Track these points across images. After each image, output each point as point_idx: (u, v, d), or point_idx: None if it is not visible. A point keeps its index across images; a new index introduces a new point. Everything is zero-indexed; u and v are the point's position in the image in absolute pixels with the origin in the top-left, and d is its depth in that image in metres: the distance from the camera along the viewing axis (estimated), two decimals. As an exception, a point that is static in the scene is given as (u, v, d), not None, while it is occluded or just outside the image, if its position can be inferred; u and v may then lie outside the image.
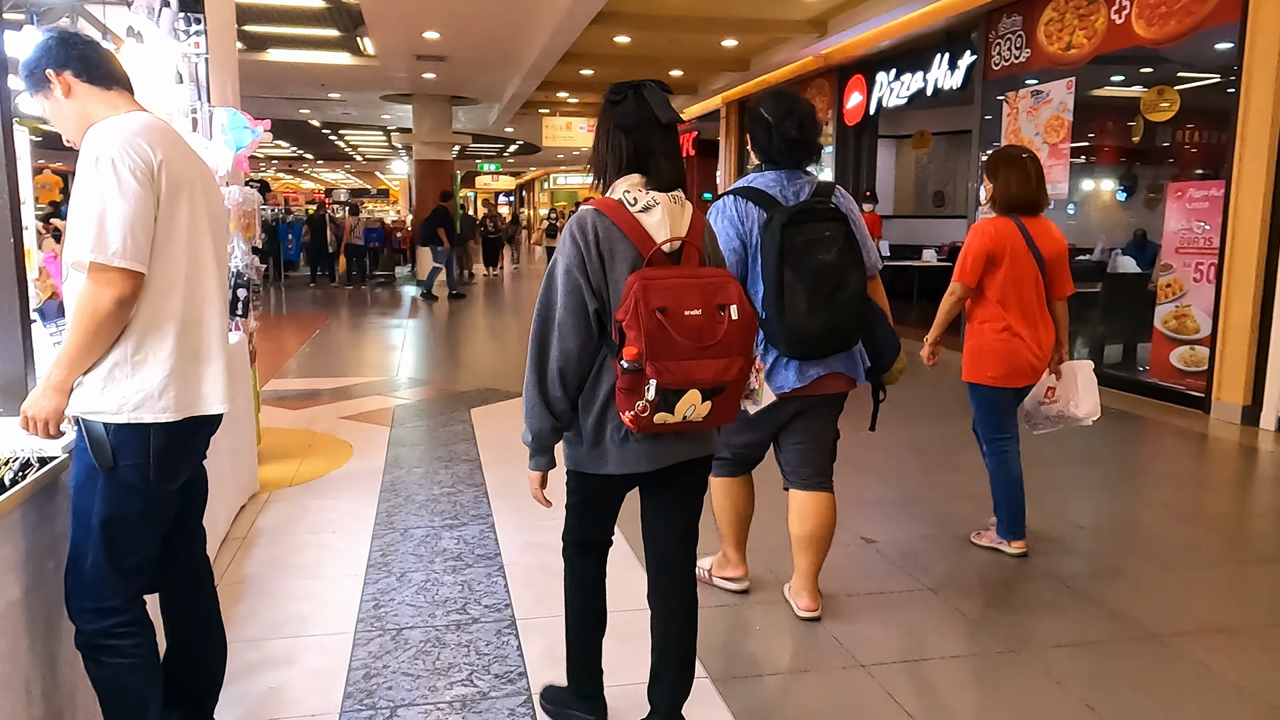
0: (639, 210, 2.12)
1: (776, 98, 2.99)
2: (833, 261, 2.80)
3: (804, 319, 2.80)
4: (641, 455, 2.16)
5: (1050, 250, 3.64)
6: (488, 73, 14.89)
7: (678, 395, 2.01)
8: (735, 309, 2.06)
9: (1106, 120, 10.98)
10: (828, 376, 2.96)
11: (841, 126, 12.36)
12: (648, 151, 2.17)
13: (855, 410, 3.24)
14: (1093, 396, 3.77)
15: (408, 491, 4.62)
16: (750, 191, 2.92)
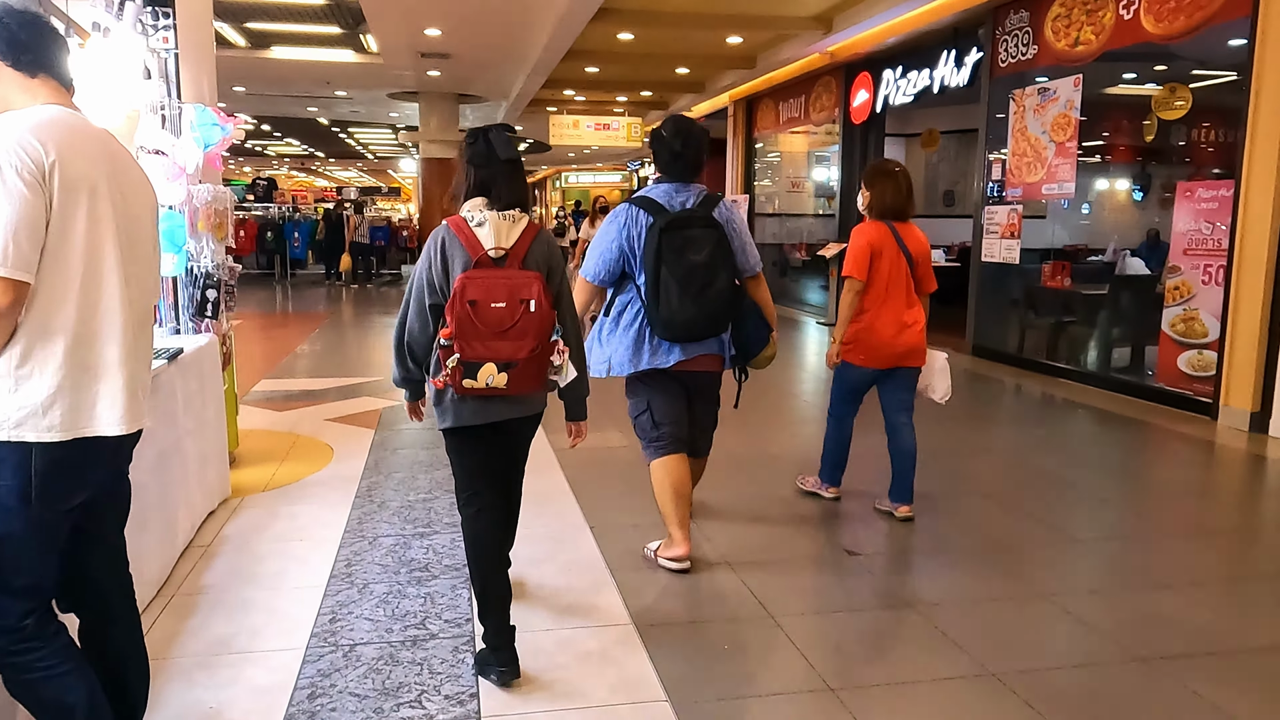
0: (475, 225, 2.65)
1: (675, 121, 3.59)
2: (704, 262, 3.37)
3: (675, 309, 3.39)
4: (476, 412, 2.77)
5: (917, 250, 4.16)
6: (493, 70, 14.79)
7: (478, 366, 2.57)
8: (534, 303, 2.59)
9: (1116, 119, 10.78)
10: (701, 357, 3.58)
11: (848, 125, 12.19)
12: (491, 181, 2.72)
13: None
14: (945, 381, 4.37)
15: (383, 497, 4.51)
16: (643, 200, 3.49)
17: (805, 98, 13.57)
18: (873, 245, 4.09)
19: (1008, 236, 8.71)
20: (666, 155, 3.53)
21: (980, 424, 6.54)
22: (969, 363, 8.99)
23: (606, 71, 14.97)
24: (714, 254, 3.40)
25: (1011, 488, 4.90)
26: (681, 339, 3.50)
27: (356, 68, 14.92)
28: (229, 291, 4.52)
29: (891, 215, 4.16)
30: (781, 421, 6.49)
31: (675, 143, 3.50)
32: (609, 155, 34.79)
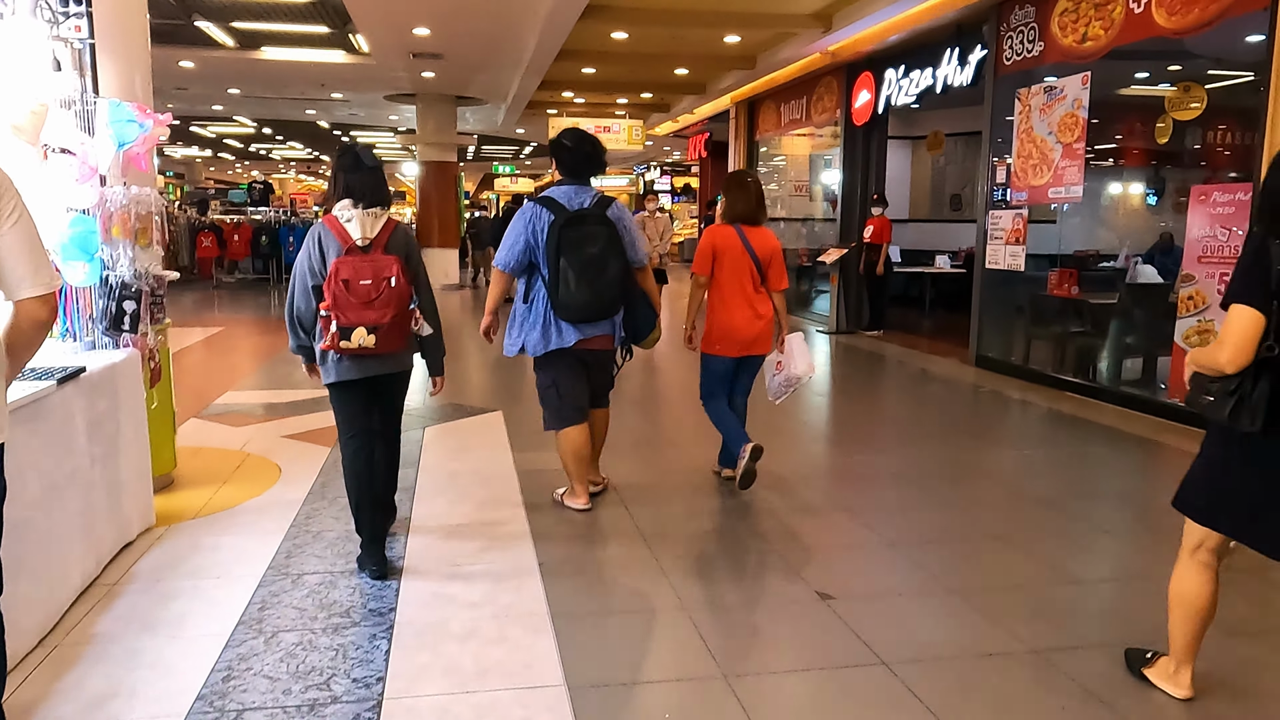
0: (345, 221, 3.42)
1: (574, 132, 4.21)
2: (597, 254, 3.96)
3: (573, 294, 3.97)
4: (351, 369, 3.50)
5: (763, 251, 4.62)
6: (488, 71, 14.46)
7: (351, 330, 3.30)
8: (394, 280, 3.34)
9: (1127, 119, 10.36)
10: (596, 337, 4.16)
11: (850, 126, 11.79)
12: (356, 186, 3.46)
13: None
14: (805, 357, 4.77)
15: (320, 526, 4.15)
16: (546, 200, 4.06)
17: (807, 99, 13.19)
18: (715, 247, 4.63)
19: (1013, 242, 8.30)
20: (568, 161, 4.16)
21: (978, 442, 6.13)
22: (972, 374, 8.58)
23: (603, 72, 14.62)
24: (606, 247, 4.01)
25: (1002, 516, 4.51)
26: (578, 320, 4.08)
27: (349, 69, 14.62)
28: (156, 302, 4.17)
29: (742, 220, 4.66)
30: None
31: (575, 151, 4.15)
32: (615, 159, 34.47)
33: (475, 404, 6.86)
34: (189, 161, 37.38)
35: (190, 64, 14.37)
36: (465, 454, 5.48)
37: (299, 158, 37.01)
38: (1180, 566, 2.67)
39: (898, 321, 11.82)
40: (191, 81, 16.25)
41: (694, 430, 5.89)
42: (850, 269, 11.69)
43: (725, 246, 4.61)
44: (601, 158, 4.18)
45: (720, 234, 4.64)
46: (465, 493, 4.70)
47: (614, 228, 4.04)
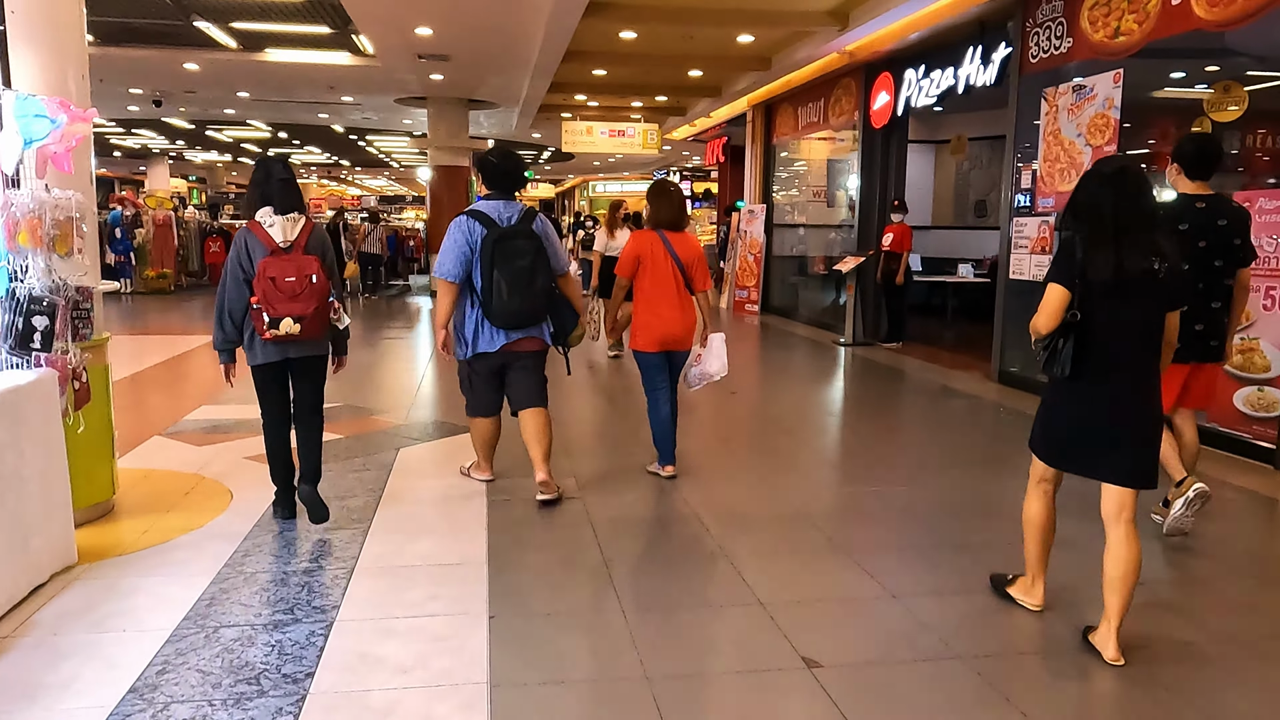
0: (268, 226, 3.91)
1: (499, 149, 4.60)
2: (527, 265, 4.31)
3: (506, 302, 4.31)
4: (275, 352, 4.02)
5: (686, 255, 4.93)
6: (497, 73, 14.11)
7: (279, 320, 3.82)
8: (315, 277, 3.88)
9: (1161, 121, 9.80)
10: (525, 339, 4.52)
11: (868, 129, 11.30)
12: (274, 194, 3.96)
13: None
14: (721, 359, 5.07)
15: (256, 566, 3.74)
16: (477, 213, 4.40)
17: (824, 101, 12.71)
18: (639, 251, 4.93)
19: (1039, 251, 7.78)
20: (496, 175, 4.50)
21: (998, 473, 5.63)
22: (995, 391, 8.06)
23: (615, 74, 14.22)
24: (535, 259, 4.38)
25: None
26: (510, 326, 4.45)
27: (356, 71, 14.31)
28: (81, 317, 3.79)
29: (666, 226, 4.97)
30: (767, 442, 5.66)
31: (500, 166, 4.50)
32: (635, 164, 34.06)
33: (460, 421, 6.44)
34: (210, 166, 37.44)
35: (195, 66, 14.13)
36: (436, 479, 5.06)
37: (319, 162, 36.92)
38: (1028, 496, 3.35)
39: (917, 333, 11.29)
40: (199, 85, 16.03)
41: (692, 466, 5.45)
42: (868, 278, 11.19)
43: (650, 251, 4.93)
44: (524, 173, 4.70)
45: (645, 239, 4.97)
46: (426, 525, 4.28)
47: (540, 241, 4.43)
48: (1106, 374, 3.02)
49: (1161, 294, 3.00)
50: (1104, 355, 2.99)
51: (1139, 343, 3.02)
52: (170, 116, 21.26)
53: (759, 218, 14.80)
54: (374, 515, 4.41)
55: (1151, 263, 2.93)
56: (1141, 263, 2.92)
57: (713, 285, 5.11)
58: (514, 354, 4.54)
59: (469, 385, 4.70)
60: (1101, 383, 3.02)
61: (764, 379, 9.05)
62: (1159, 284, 2.97)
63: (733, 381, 8.23)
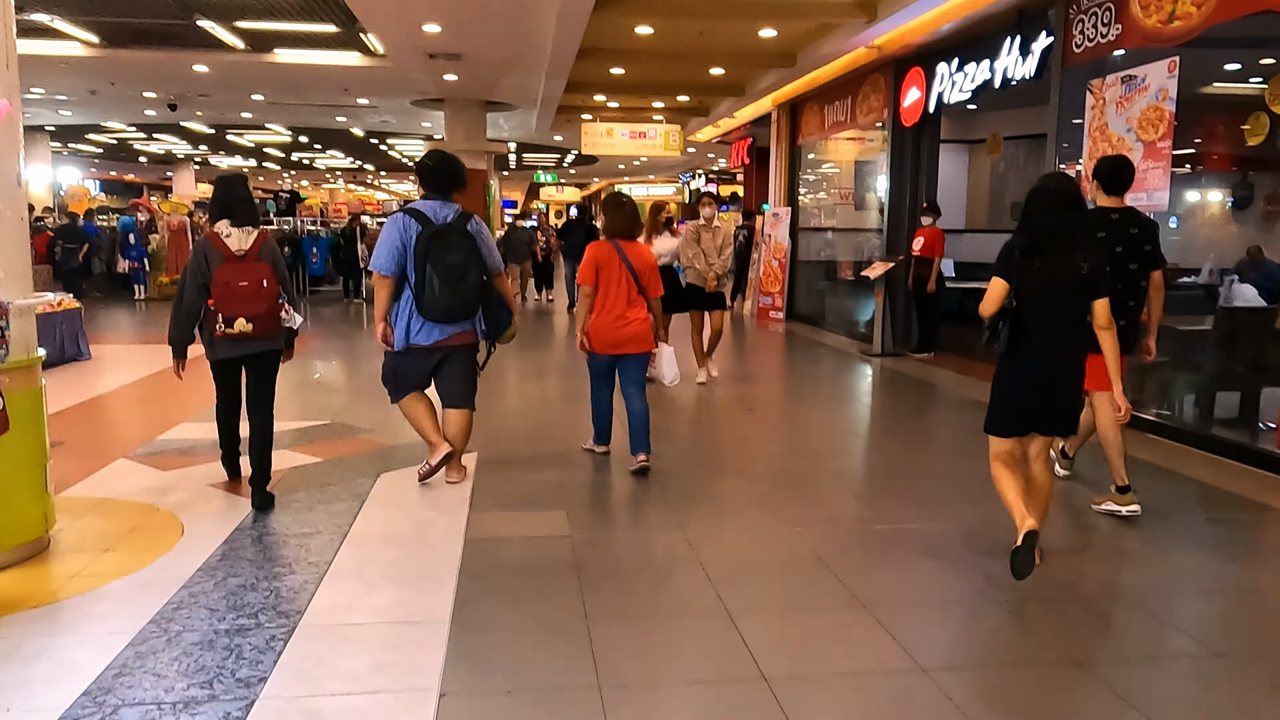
0: (225, 236, 4.40)
1: (437, 153, 4.81)
2: (459, 263, 4.55)
3: (438, 298, 4.55)
4: (232, 348, 4.46)
5: (640, 264, 5.21)
6: (511, 73, 13.66)
7: (234, 319, 4.29)
8: (265, 282, 4.35)
9: (1209, 116, 9.13)
10: (457, 334, 4.76)
11: (898, 127, 10.70)
12: (232, 209, 4.46)
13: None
14: (672, 368, 5.63)
15: (184, 624, 3.25)
16: (414, 211, 4.64)
17: (852, 99, 12.12)
18: (596, 260, 5.20)
19: (1083, 257, 7.16)
20: (433, 178, 4.72)
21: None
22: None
23: (634, 73, 13.70)
24: (468, 257, 4.58)
25: (1066, 622, 3.44)
26: (442, 320, 4.65)
27: (368, 71, 13.92)
28: (-5, 335, 3.33)
29: (619, 236, 5.24)
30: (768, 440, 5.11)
31: (438, 169, 4.72)
32: (660, 167, 33.58)
33: (451, 443, 5.97)
34: (236, 170, 37.47)
35: (204, 68, 13.82)
36: (414, 511, 4.57)
37: (343, 167, 36.79)
38: (993, 469, 3.87)
39: (950, 343, 10.65)
40: (211, 87, 15.75)
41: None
42: (897, 285, 10.59)
43: (605, 260, 5.21)
44: (461, 175, 4.85)
45: (601, 249, 5.25)
46: (390, 571, 3.78)
47: (474, 240, 4.64)
48: (1043, 352, 3.70)
49: (1087, 288, 3.68)
50: (1041, 337, 3.67)
51: (1069, 327, 3.72)
52: (188, 121, 21.07)
53: (784, 221, 14.22)
54: (334, 557, 3.92)
55: (1078, 262, 3.64)
56: (1070, 262, 3.64)
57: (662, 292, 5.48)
58: (448, 348, 4.79)
59: (393, 376, 4.88)
60: (1039, 359, 3.71)
61: (785, 394, 8.49)
62: (1084, 279, 3.66)
63: (750, 397, 7.73)
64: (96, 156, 31.89)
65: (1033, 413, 3.80)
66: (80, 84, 15.55)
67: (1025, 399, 3.78)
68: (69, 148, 28.28)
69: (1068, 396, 3.81)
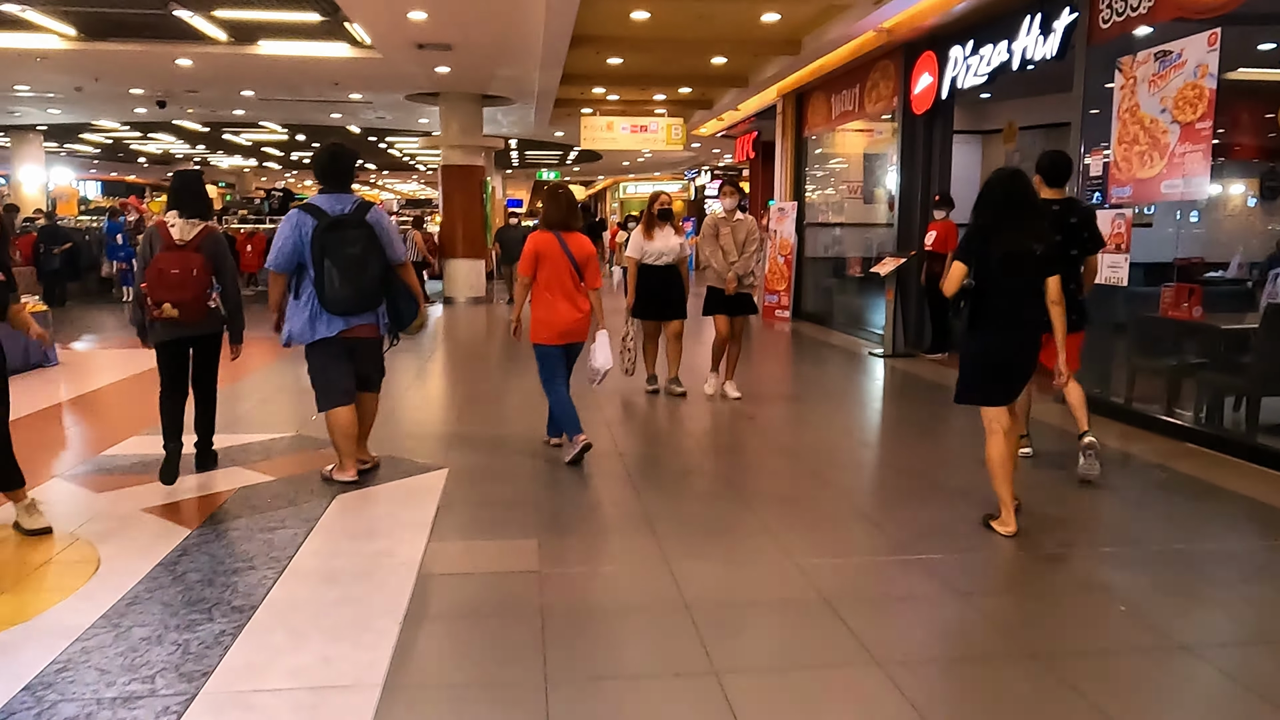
0: (171, 225, 4.66)
1: (332, 146, 4.79)
2: (358, 254, 4.55)
3: (337, 290, 4.54)
4: (167, 332, 4.70)
5: (579, 254, 5.32)
6: (505, 64, 13.13)
7: (160, 303, 4.52)
8: (196, 271, 4.55)
9: (1251, 97, 8.54)
10: (359, 326, 4.73)
11: (908, 116, 10.13)
12: (184, 202, 4.74)
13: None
14: (605, 353, 5.53)
15: (61, 692, 2.71)
16: (309, 206, 4.63)
17: (860, 87, 11.56)
18: (538, 250, 5.24)
19: (1113, 250, 6.59)
20: (328, 172, 4.67)
21: (1067, 528, 4.48)
22: (1058, 415, 6.88)
23: (632, 63, 13.17)
24: (366, 248, 4.55)
25: (1106, 673, 2.89)
26: (342, 313, 4.60)
27: (357, 65, 13.41)
28: None
29: (557, 227, 5.28)
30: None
31: (333, 162, 4.68)
32: (664, 163, 33.03)
33: (421, 457, 5.44)
34: (238, 171, 37.06)
35: (188, 62, 13.33)
36: (364, 543, 4.04)
37: (344, 166, 36.32)
38: (990, 441, 4.15)
39: (965, 343, 10.10)
40: (198, 83, 15.27)
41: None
42: (909, 281, 10.03)
43: (546, 250, 5.26)
44: (354, 168, 4.86)
45: (542, 239, 5.29)
46: (323, 619, 3.24)
47: (372, 230, 4.60)
48: (1006, 326, 4.07)
49: (1040, 266, 4.03)
50: (1003, 312, 4.05)
51: (1028, 302, 4.06)
52: (181, 119, 20.63)
53: (789, 216, 13.66)
54: (264, 598, 3.39)
55: (1031, 245, 4.01)
56: (1025, 245, 4.00)
57: (601, 283, 5.52)
58: (354, 340, 4.73)
59: (323, 376, 4.75)
60: (1004, 332, 4.08)
61: (788, 400, 7.93)
62: (1038, 259, 4.02)
63: (750, 403, 7.15)
64: (95, 157, 31.53)
65: (1004, 385, 4.18)
66: (64, 80, 15.09)
67: (999, 373, 4.15)
68: (65, 148, 27.89)
69: (1026, 367, 4.23)
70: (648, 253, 7.13)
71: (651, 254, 7.12)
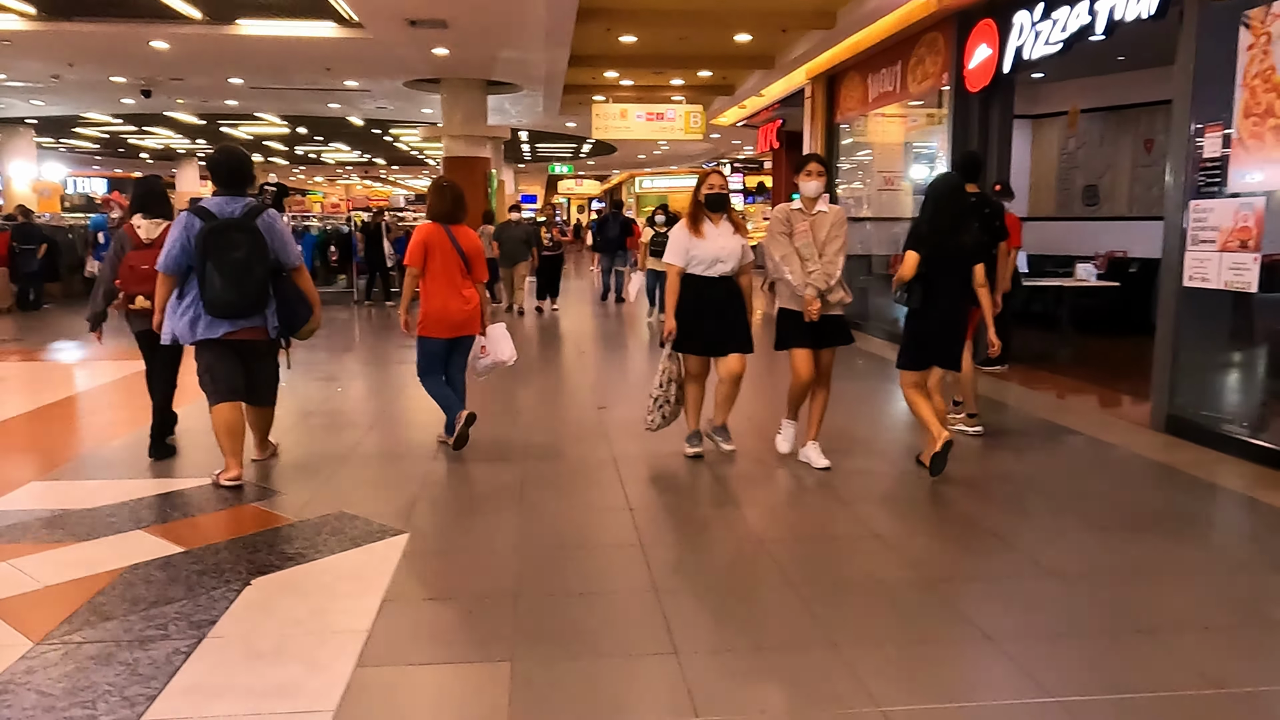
0: (137, 227, 5.10)
1: (224, 149, 4.72)
2: (242, 258, 4.49)
3: (220, 293, 4.49)
4: (141, 322, 5.05)
5: (468, 247, 5.35)
6: (507, 44, 11.99)
7: (134, 296, 5.00)
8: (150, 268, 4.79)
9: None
10: (247, 329, 4.66)
11: (961, 94, 8.90)
12: (149, 204, 5.20)
13: None
14: (507, 345, 5.66)
15: None
16: (199, 209, 4.57)
17: (902, 64, 10.33)
18: (425, 242, 5.24)
19: (1236, 248, 5.36)
20: (220, 174, 4.66)
21: (1153, 587, 3.27)
22: (1160, 447, 5.67)
23: (647, 41, 11.99)
24: (251, 252, 4.53)
25: None
26: (226, 315, 4.58)
27: (346, 45, 12.30)
28: None
29: (444, 219, 5.32)
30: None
31: (225, 165, 4.66)
32: (682, 156, 31.77)
33: (378, 514, 4.29)
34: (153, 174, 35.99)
35: (163, 44, 12.27)
36: (264, 667, 2.87)
37: (351, 161, 35.34)
38: (909, 398, 5.00)
39: (1024, 352, 8.86)
40: (179, 69, 14.20)
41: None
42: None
43: (435, 243, 5.22)
44: (250, 171, 4.77)
45: (430, 231, 5.25)
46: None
47: (259, 235, 4.55)
48: (940, 303, 4.90)
49: (970, 256, 4.95)
50: (939, 292, 4.88)
51: (958, 285, 4.96)
52: (172, 110, 19.61)
53: (820, 210, 12.41)
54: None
55: (964, 238, 4.94)
56: (958, 239, 4.91)
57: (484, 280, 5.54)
58: (241, 343, 4.67)
59: (208, 376, 4.70)
60: (939, 309, 4.92)
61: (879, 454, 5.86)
62: (968, 250, 4.94)
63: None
64: (96, 153, 30.64)
65: (935, 351, 5.00)
66: (36, 66, 14.07)
67: (930, 342, 4.96)
68: (61, 143, 26.98)
69: (959, 338, 5.09)
70: (696, 258, 5.08)
71: (702, 260, 5.08)
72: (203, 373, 4.70)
